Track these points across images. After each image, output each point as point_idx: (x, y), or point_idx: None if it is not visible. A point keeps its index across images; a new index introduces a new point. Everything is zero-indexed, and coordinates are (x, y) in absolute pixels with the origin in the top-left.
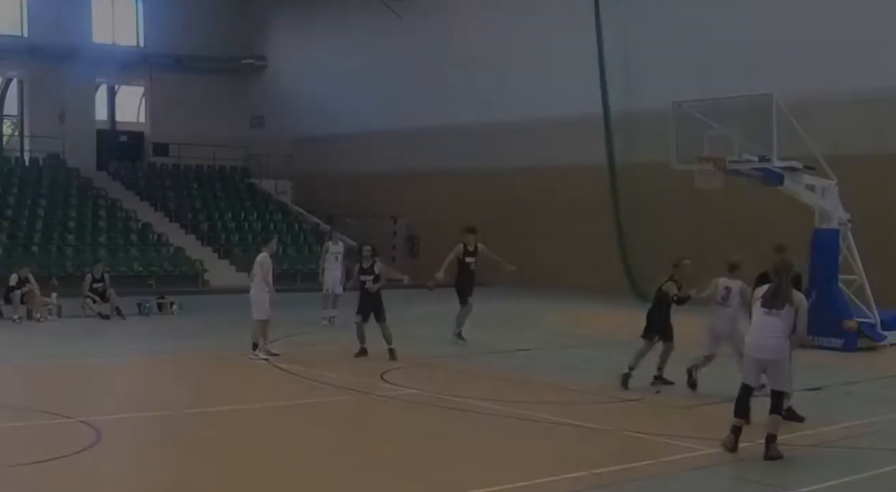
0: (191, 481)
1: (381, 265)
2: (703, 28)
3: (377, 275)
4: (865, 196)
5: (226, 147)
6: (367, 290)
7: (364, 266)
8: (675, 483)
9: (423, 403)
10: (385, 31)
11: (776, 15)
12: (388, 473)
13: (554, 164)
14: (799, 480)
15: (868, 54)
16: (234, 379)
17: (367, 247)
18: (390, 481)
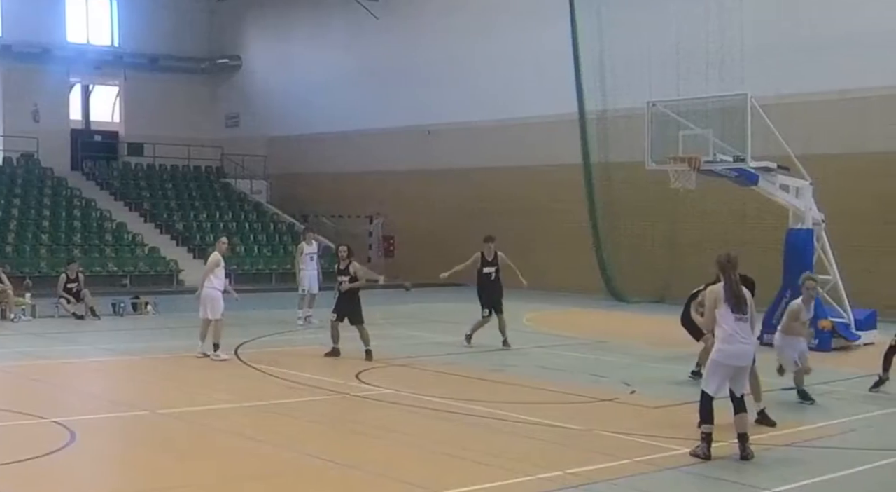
0: (166, 481)
1: (357, 266)
2: (677, 28)
3: (353, 276)
4: (839, 196)
5: (201, 147)
6: (341, 290)
7: (340, 267)
8: (650, 483)
9: (398, 403)
10: (361, 31)
11: (750, 15)
12: (363, 472)
13: (529, 164)
14: (773, 479)
15: (842, 55)
16: (209, 379)
17: (342, 247)
18: (365, 481)
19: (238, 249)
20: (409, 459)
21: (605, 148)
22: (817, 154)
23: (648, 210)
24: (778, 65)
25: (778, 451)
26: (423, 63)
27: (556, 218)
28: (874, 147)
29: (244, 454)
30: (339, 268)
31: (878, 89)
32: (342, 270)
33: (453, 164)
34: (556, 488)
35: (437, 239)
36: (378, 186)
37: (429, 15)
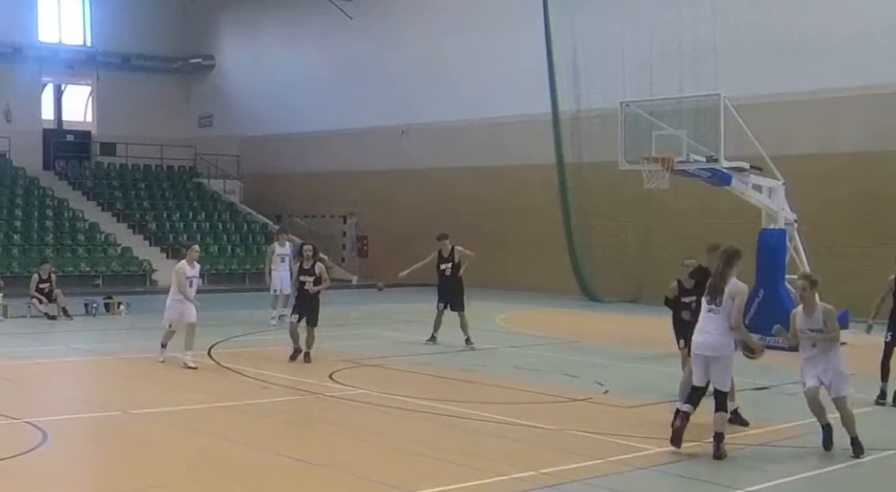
0: (138, 482)
1: (322, 267)
2: (650, 28)
3: (318, 276)
4: (812, 196)
5: (174, 147)
6: (305, 291)
7: (305, 267)
8: (623, 482)
9: (371, 403)
10: (334, 31)
11: (723, 16)
12: (337, 472)
13: (503, 164)
14: (746, 478)
15: (814, 55)
16: (182, 379)
17: (307, 247)
18: (339, 481)
19: (211, 250)
20: (382, 459)
21: (578, 148)
22: (790, 154)
23: (622, 210)
24: (751, 65)
25: (751, 450)
26: (397, 63)
27: (529, 218)
28: (846, 147)
29: (217, 455)
30: (303, 267)
31: (850, 90)
32: (306, 269)
33: (427, 164)
34: (530, 488)
35: (411, 239)
36: (352, 185)
37: (402, 15)
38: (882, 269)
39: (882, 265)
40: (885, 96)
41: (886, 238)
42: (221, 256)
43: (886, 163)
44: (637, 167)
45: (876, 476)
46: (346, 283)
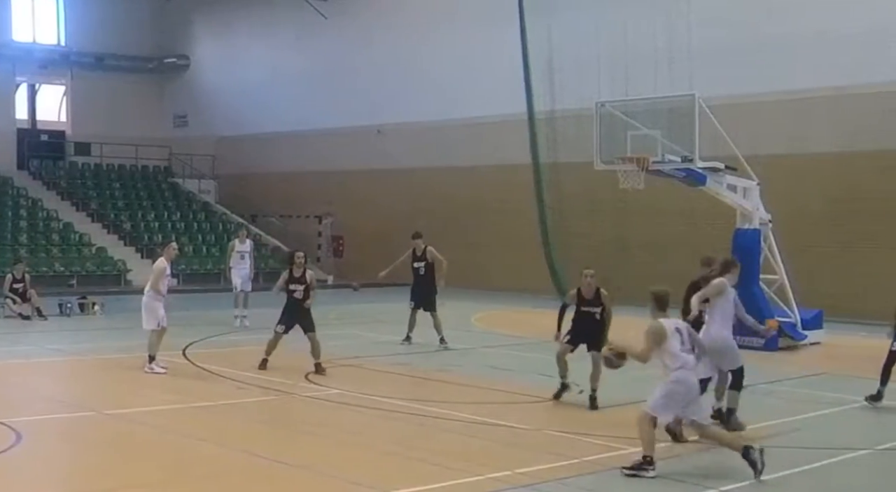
0: (113, 482)
1: (311, 274)
2: (625, 29)
3: (308, 285)
4: (786, 196)
5: (148, 146)
6: (296, 300)
7: (296, 275)
8: (598, 482)
9: (346, 403)
10: (310, 31)
11: (698, 17)
12: (312, 473)
13: (479, 163)
14: (721, 478)
15: (788, 56)
16: (157, 379)
17: (299, 254)
18: (314, 481)
19: (186, 249)
20: (358, 459)
21: (554, 148)
22: (764, 154)
23: (597, 210)
24: (725, 66)
25: (724, 450)
26: (373, 63)
27: (505, 218)
28: (820, 148)
29: (192, 455)
30: (294, 276)
31: (824, 90)
32: (297, 278)
33: (403, 163)
34: (505, 488)
35: (387, 239)
36: (327, 185)
37: (378, 15)
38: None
39: (856, 265)
40: (858, 97)
41: (860, 238)
42: (196, 256)
43: (860, 163)
44: (612, 167)
45: (849, 475)
46: (321, 283)
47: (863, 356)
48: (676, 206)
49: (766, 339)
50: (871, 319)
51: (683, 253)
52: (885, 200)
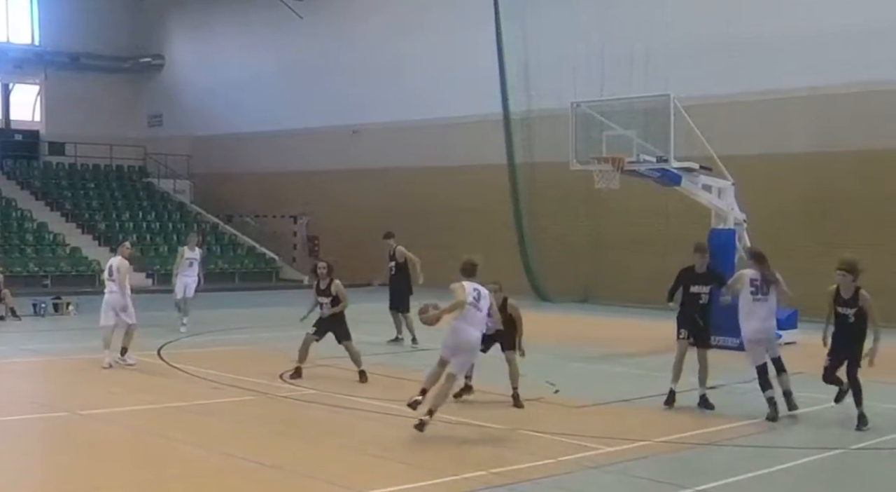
0: (86, 483)
1: (339, 284)
2: (601, 29)
3: (335, 296)
4: (761, 196)
5: (123, 146)
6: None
7: (321, 287)
8: (573, 482)
9: (322, 403)
10: (285, 30)
11: (674, 17)
12: (287, 473)
13: (454, 164)
14: (694, 477)
15: (763, 56)
16: (132, 380)
17: (321, 264)
18: (290, 482)
19: (161, 249)
20: (333, 459)
21: (529, 148)
22: (739, 155)
23: (573, 210)
24: (700, 66)
25: (700, 449)
26: (348, 63)
27: (480, 218)
28: (795, 148)
29: (167, 456)
30: (320, 288)
31: (799, 90)
32: (323, 290)
33: (378, 163)
34: (480, 488)
35: (362, 239)
36: (303, 185)
37: (353, 15)
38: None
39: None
40: (834, 97)
41: (835, 238)
42: (171, 257)
43: (835, 163)
44: (588, 167)
45: (825, 474)
46: (297, 283)
47: None
48: (651, 206)
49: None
50: None
51: (658, 253)
52: (858, 201)
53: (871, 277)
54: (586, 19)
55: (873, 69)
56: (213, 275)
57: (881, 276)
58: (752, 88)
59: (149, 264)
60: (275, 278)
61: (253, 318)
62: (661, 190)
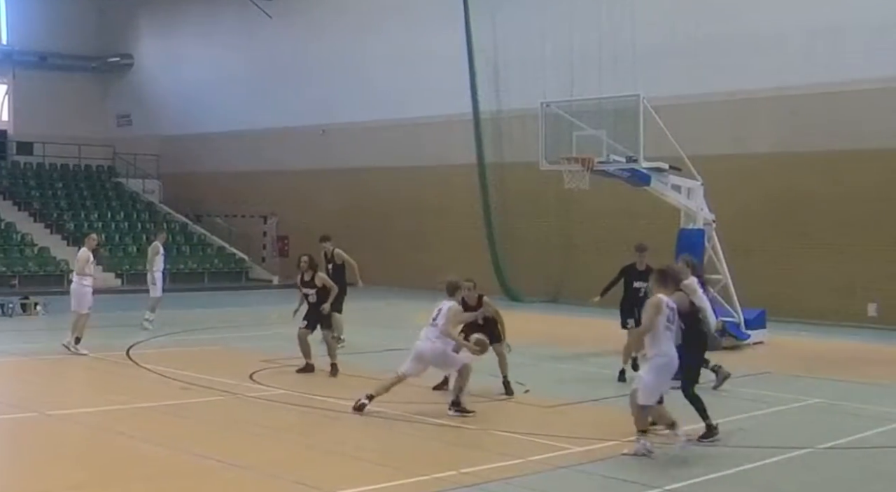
0: (55, 484)
1: (321, 275)
2: (570, 29)
3: (319, 287)
4: (730, 196)
5: (92, 146)
6: (312, 303)
7: (305, 279)
8: (543, 482)
9: (292, 403)
10: (255, 30)
11: (642, 17)
12: (257, 473)
13: (424, 163)
14: (664, 477)
15: (730, 57)
16: (100, 380)
17: (303, 258)
18: (260, 482)
19: (130, 249)
20: (303, 459)
21: (499, 148)
22: (708, 155)
23: (542, 210)
24: (669, 66)
25: (667, 449)
26: (317, 62)
27: (450, 218)
28: (762, 148)
29: (136, 456)
30: (304, 279)
31: (765, 91)
32: (307, 282)
33: (348, 163)
34: (451, 488)
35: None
36: (272, 185)
37: (322, 14)
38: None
39: (796, 265)
40: (800, 97)
41: (800, 238)
42: (140, 257)
43: (802, 163)
44: (557, 167)
45: (792, 474)
46: (266, 283)
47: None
48: (621, 206)
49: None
50: (811, 318)
51: (628, 252)
52: (823, 201)
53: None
54: (555, 20)
55: (838, 70)
56: (183, 275)
57: (843, 275)
58: (720, 89)
59: (118, 264)
60: (244, 278)
61: (222, 318)
62: (630, 190)
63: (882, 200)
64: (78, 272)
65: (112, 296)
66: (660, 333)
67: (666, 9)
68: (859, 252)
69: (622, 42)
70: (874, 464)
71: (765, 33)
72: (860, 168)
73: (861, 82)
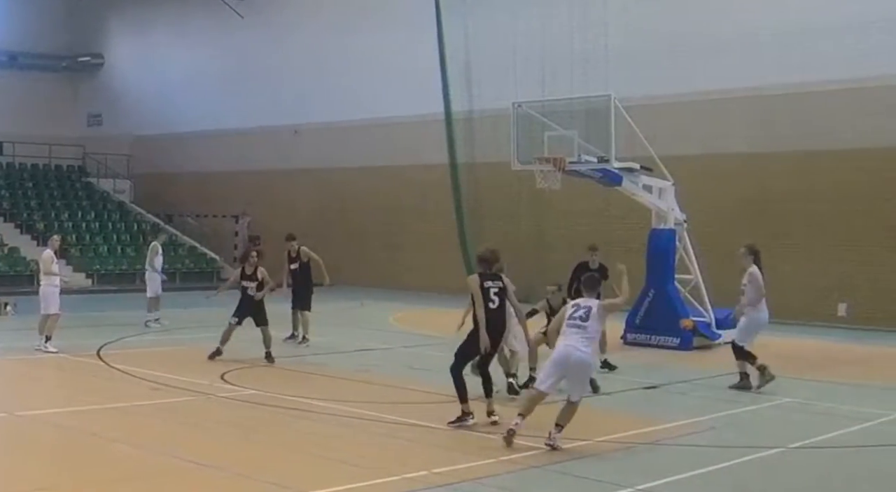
0: (25, 485)
1: (263, 271)
2: (542, 30)
3: (260, 282)
4: (701, 197)
5: (62, 146)
6: (249, 295)
7: (247, 272)
8: (514, 481)
9: (263, 403)
10: (226, 29)
11: (614, 18)
12: (228, 474)
13: (396, 163)
14: (635, 477)
15: (703, 57)
16: (71, 380)
17: (254, 253)
18: (231, 482)
19: (101, 250)
20: (274, 459)
21: (471, 148)
22: (680, 155)
23: (515, 210)
24: (641, 67)
25: (640, 448)
26: (290, 62)
27: (422, 218)
28: (734, 148)
29: (107, 457)
30: (246, 273)
31: (738, 91)
32: (249, 275)
33: (320, 163)
34: (422, 488)
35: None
36: (244, 185)
37: (294, 14)
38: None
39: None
40: (772, 98)
41: (771, 238)
42: (111, 256)
43: (774, 163)
44: (529, 168)
45: (763, 473)
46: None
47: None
48: (593, 206)
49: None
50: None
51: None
52: (794, 201)
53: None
54: (527, 20)
55: (809, 70)
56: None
57: (814, 275)
58: (692, 89)
59: (88, 264)
60: (216, 278)
61: (193, 318)
62: (603, 190)
63: (853, 200)
64: (44, 272)
65: (83, 296)
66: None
67: (637, 10)
68: (830, 252)
69: (594, 42)
70: (845, 463)
71: (736, 34)
72: (831, 168)
73: (832, 83)
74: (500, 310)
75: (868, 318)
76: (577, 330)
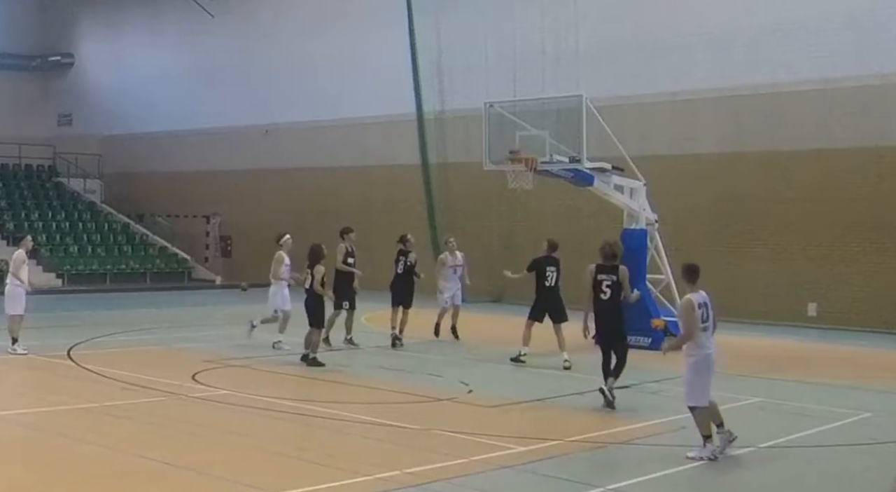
0: None
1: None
2: (514, 30)
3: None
4: (672, 196)
5: (32, 146)
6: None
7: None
8: (486, 482)
9: (235, 403)
10: (197, 29)
11: (585, 18)
12: (199, 474)
13: (367, 163)
14: (606, 476)
15: (673, 58)
16: (41, 381)
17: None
18: (202, 483)
19: (71, 250)
20: (246, 460)
21: (443, 148)
22: (651, 155)
23: (486, 210)
24: (612, 67)
25: (612, 448)
26: (260, 62)
27: (394, 218)
28: (705, 149)
29: (77, 457)
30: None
31: (707, 92)
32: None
33: (291, 163)
34: (394, 488)
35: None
36: (215, 185)
37: (265, 14)
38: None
39: (737, 265)
40: (742, 98)
41: (741, 238)
42: (82, 257)
43: (744, 163)
44: (501, 168)
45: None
46: (209, 283)
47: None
48: (565, 206)
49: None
50: (752, 317)
51: (571, 253)
52: (764, 201)
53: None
54: (499, 20)
55: (778, 71)
56: (125, 275)
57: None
58: (663, 89)
59: (59, 264)
60: (187, 278)
61: (164, 318)
62: (574, 191)
63: (822, 200)
64: (12, 272)
65: (53, 296)
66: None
67: (608, 10)
68: (799, 252)
69: (565, 43)
70: (816, 463)
71: (707, 35)
72: (800, 168)
73: (802, 83)
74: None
75: (838, 318)
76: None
